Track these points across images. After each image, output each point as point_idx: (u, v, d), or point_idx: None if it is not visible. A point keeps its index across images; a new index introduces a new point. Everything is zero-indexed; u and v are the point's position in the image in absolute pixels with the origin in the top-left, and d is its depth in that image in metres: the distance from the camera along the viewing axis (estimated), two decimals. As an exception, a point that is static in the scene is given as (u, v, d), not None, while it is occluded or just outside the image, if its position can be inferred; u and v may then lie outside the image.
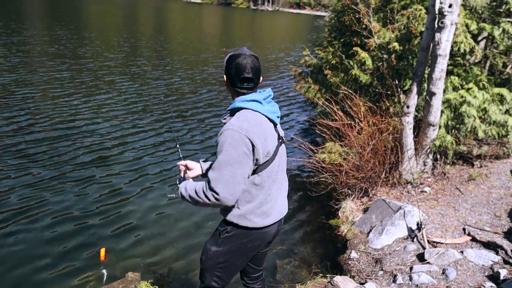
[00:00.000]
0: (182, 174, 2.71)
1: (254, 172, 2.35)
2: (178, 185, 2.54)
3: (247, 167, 2.26)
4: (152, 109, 10.51)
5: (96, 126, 8.82)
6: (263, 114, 2.38)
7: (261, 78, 2.47)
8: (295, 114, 11.47)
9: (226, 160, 2.22)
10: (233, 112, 2.40)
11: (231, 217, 2.43)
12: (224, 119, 2.43)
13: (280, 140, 2.50)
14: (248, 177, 2.33)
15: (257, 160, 2.30)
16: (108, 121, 9.20)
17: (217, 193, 2.22)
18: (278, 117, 2.50)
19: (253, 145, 2.24)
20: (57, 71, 13.45)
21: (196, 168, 2.76)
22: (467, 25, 6.53)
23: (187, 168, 2.75)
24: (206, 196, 2.27)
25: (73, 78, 12.78)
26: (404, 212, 5.04)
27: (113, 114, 9.76)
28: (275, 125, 2.48)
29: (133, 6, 59.10)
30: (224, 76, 2.45)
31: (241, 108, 2.36)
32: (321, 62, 7.98)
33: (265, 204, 2.46)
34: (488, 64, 7.99)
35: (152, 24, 37.19)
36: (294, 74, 8.89)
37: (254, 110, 2.36)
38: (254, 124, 2.30)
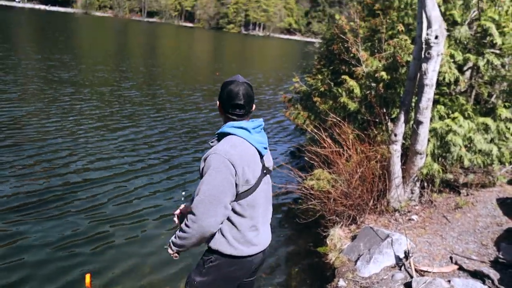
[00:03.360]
0: (177, 222, 2.71)
1: (235, 200, 2.36)
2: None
3: (229, 193, 2.27)
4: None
5: (87, 150, 8.78)
6: (249, 143, 2.41)
7: (253, 106, 2.51)
8: (284, 140, 11.55)
9: (208, 184, 2.24)
10: (220, 136, 2.44)
11: (215, 244, 2.42)
12: (212, 142, 2.46)
13: (264, 171, 2.51)
14: (230, 204, 2.33)
15: (236, 186, 2.31)
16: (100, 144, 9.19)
17: (195, 215, 2.23)
18: (265, 148, 2.53)
19: (235, 171, 2.27)
20: (46, 95, 13.45)
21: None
22: (452, 56, 6.69)
23: (181, 213, 2.72)
24: (187, 226, 2.29)
25: (61, 101, 12.79)
26: (391, 240, 5.05)
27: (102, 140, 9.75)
28: (261, 155, 2.50)
29: (125, 31, 59.61)
30: (218, 102, 2.49)
31: (229, 134, 2.40)
32: (310, 89, 8.09)
33: (249, 232, 2.46)
34: (474, 93, 8.16)
35: (144, 49, 37.46)
36: (284, 101, 8.99)
37: (241, 137, 2.39)
38: (239, 150, 2.33)
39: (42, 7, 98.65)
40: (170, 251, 2.51)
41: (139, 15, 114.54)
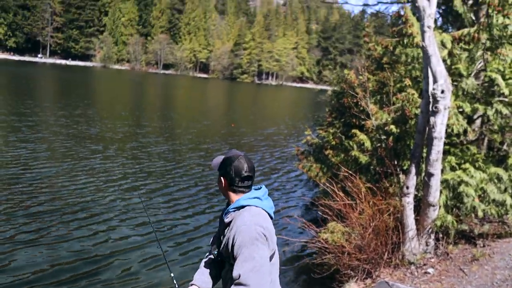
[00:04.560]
0: None
1: None
2: None
3: (268, 259, 2.33)
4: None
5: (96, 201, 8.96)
6: (264, 210, 2.51)
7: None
8: (298, 192, 11.63)
9: (250, 255, 2.27)
10: (237, 209, 2.50)
11: None
12: (227, 218, 2.51)
13: None
14: None
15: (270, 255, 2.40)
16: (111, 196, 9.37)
17: (248, 286, 2.22)
18: (274, 212, 2.63)
19: (266, 239, 2.36)
20: (64, 146, 13.86)
21: None
22: (459, 107, 6.83)
23: None
24: None
25: (79, 150, 13.14)
26: (407, 295, 5.00)
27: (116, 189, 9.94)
28: (271, 218, 2.59)
29: (143, 83, 61.43)
30: (221, 178, 2.54)
31: (246, 206, 2.48)
32: (322, 141, 8.25)
33: None
34: (486, 140, 8.22)
35: (162, 101, 38.50)
36: (297, 153, 9.14)
37: (258, 207, 2.49)
38: (263, 219, 2.44)
39: (63, 61, 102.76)
40: None
41: (156, 68, 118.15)
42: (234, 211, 2.51)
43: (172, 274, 3.06)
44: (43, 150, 13.28)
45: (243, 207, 2.49)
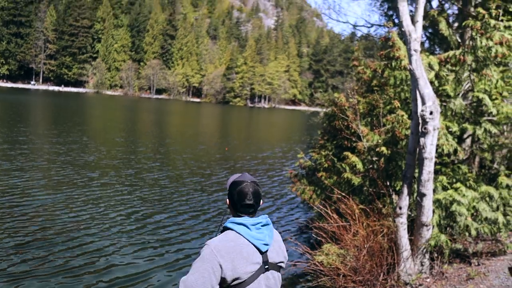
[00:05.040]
0: None
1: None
2: None
3: (208, 283, 2.41)
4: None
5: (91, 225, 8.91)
6: (246, 239, 2.50)
7: (261, 202, 2.66)
8: (292, 215, 11.63)
9: (193, 271, 2.42)
10: (223, 230, 2.57)
11: None
12: (216, 235, 2.59)
13: (266, 266, 2.57)
14: None
15: (224, 279, 2.43)
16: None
17: None
18: (265, 244, 2.57)
19: (219, 264, 2.40)
20: (57, 172, 13.82)
21: None
22: (449, 127, 6.96)
23: None
24: None
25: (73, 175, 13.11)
26: (404, 316, 5.00)
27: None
28: (261, 252, 2.55)
29: (136, 109, 61.59)
30: (227, 198, 2.65)
31: (228, 228, 2.54)
32: (315, 164, 8.33)
33: None
34: (477, 159, 8.34)
35: (155, 127, 38.55)
36: (290, 176, 9.20)
37: (238, 233, 2.50)
38: (231, 246, 2.45)
39: (56, 88, 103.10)
40: None
41: (148, 92, 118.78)
42: (220, 230, 2.60)
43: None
44: (38, 178, 13.17)
45: (226, 228, 2.55)
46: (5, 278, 6.45)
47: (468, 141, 8.27)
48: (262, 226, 2.60)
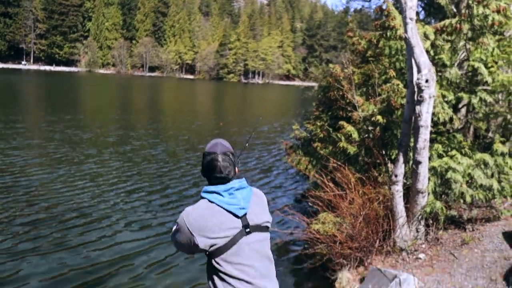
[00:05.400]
0: None
1: (214, 257, 2.47)
2: None
3: (185, 248, 2.58)
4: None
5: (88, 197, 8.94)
6: (219, 206, 2.49)
7: (236, 169, 2.62)
8: (288, 186, 11.70)
9: (172, 235, 2.63)
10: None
11: None
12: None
13: (247, 230, 2.54)
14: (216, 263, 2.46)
15: (197, 246, 2.45)
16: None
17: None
18: (241, 208, 2.54)
19: (189, 231, 2.45)
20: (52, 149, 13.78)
21: None
22: (444, 96, 6.96)
23: None
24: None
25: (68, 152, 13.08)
26: (399, 280, 5.09)
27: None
28: (237, 216, 2.53)
29: (130, 87, 61.07)
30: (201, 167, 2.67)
31: (202, 197, 2.56)
32: (310, 135, 8.33)
33: (249, 282, 2.50)
34: (472, 128, 8.37)
35: (150, 103, 38.32)
36: (285, 148, 9.22)
37: (211, 201, 2.50)
38: (203, 215, 2.47)
39: (48, 68, 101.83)
40: None
41: (141, 70, 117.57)
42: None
43: None
44: (36, 156, 13.13)
45: (201, 197, 2.58)
46: (8, 255, 6.46)
47: (463, 110, 8.28)
48: (235, 190, 2.56)
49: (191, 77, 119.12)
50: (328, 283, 5.94)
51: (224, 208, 2.50)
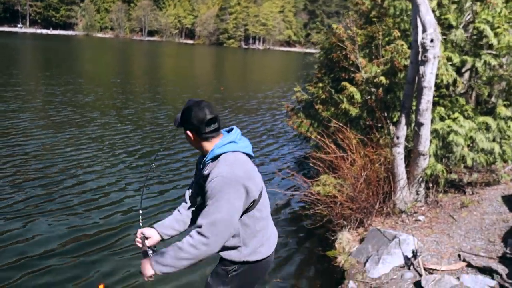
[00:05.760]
0: (141, 246, 2.62)
1: (252, 207, 2.41)
2: (143, 259, 2.48)
3: (238, 214, 2.31)
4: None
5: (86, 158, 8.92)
6: (241, 152, 2.44)
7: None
8: (288, 149, 11.68)
9: (217, 206, 2.25)
10: (213, 160, 2.42)
11: (240, 257, 2.47)
12: (205, 170, 2.42)
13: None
14: (241, 217, 2.39)
15: (254, 199, 2.37)
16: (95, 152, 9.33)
17: (207, 238, 2.23)
18: (251, 148, 2.57)
19: (247, 190, 2.31)
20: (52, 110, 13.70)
21: (153, 235, 2.66)
22: (449, 58, 6.83)
23: (144, 237, 2.65)
24: (194, 247, 2.26)
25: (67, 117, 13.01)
26: (399, 240, 5.13)
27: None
28: (251, 157, 2.55)
29: (128, 51, 60.31)
30: (187, 132, 2.47)
31: (221, 154, 2.39)
32: (312, 97, 8.24)
33: (265, 234, 2.54)
34: (474, 94, 8.26)
35: (149, 67, 37.93)
36: (287, 110, 9.14)
37: (234, 151, 2.40)
38: (241, 165, 2.36)
39: (44, 31, 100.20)
40: (148, 272, 2.39)
41: (140, 35, 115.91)
42: (210, 161, 2.43)
43: (140, 211, 3.24)
44: (37, 119, 12.97)
45: (219, 156, 2.39)
46: (10, 216, 6.41)
47: (466, 75, 8.15)
48: (242, 135, 2.56)
49: (190, 41, 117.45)
50: (328, 243, 5.99)
51: (245, 153, 2.47)
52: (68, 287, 4.90)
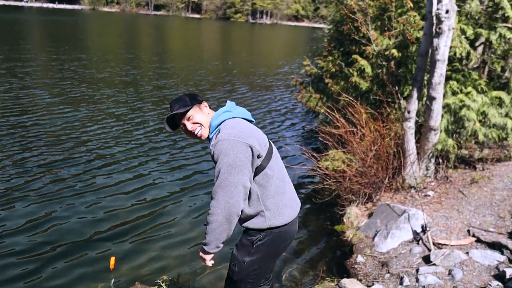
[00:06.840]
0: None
1: (262, 166, 2.42)
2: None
3: (246, 171, 2.30)
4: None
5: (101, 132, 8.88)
6: (239, 117, 2.52)
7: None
8: (297, 124, 11.57)
9: (222, 167, 2.27)
10: (215, 133, 2.48)
11: (265, 223, 2.46)
12: (211, 144, 2.45)
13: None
14: (255, 178, 2.41)
15: (259, 156, 2.38)
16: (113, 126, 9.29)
17: (217, 200, 2.27)
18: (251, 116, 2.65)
19: (250, 147, 2.32)
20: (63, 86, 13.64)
21: None
22: (463, 31, 6.65)
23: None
24: (211, 214, 2.30)
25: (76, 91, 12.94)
26: (408, 215, 5.09)
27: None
28: (252, 122, 2.62)
29: (135, 25, 59.76)
30: (202, 106, 2.60)
31: (220, 123, 2.47)
32: (322, 71, 8.10)
33: (285, 192, 2.56)
34: (486, 69, 8.08)
35: (153, 40, 37.58)
36: (295, 84, 9.01)
37: (232, 118, 2.48)
38: (240, 127, 2.40)
39: (50, 5, 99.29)
40: (204, 255, 2.49)
41: (146, 9, 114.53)
42: (214, 135, 2.48)
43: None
44: (53, 96, 12.71)
45: (218, 125, 2.47)
46: (35, 197, 6.28)
47: (480, 49, 7.96)
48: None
49: (197, 16, 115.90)
50: (337, 218, 5.98)
51: (243, 118, 2.55)
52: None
